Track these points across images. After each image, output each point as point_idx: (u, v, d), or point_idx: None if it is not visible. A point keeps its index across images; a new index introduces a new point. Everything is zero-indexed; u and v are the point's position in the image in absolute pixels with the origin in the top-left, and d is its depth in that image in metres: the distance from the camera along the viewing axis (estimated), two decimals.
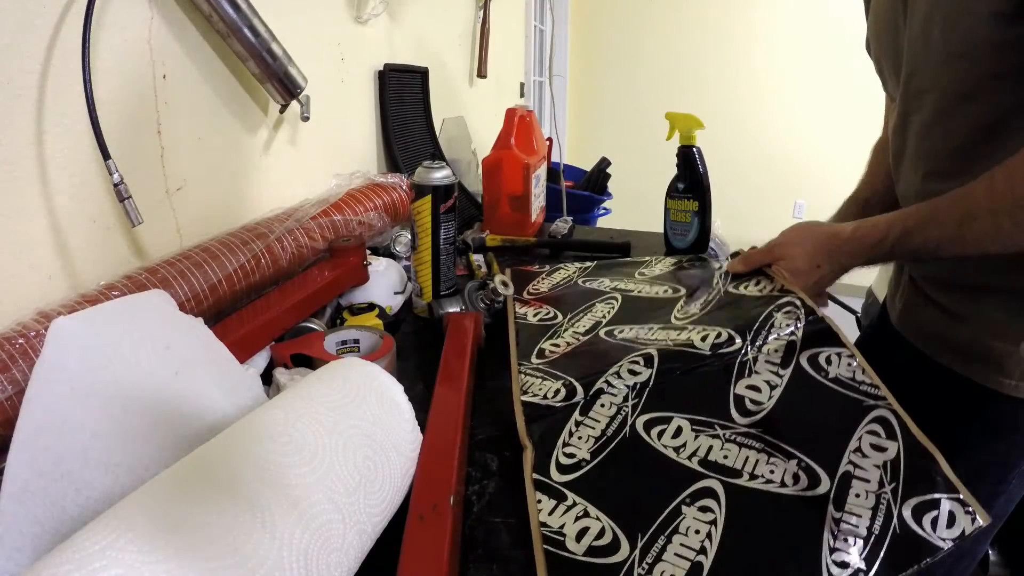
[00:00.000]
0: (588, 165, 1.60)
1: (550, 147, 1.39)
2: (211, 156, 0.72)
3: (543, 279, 0.83)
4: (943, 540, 0.37)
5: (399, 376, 0.53)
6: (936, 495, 0.39)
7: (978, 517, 0.38)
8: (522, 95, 2.36)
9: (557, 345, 0.63)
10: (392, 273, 0.83)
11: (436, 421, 0.49)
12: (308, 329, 0.66)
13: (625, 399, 0.51)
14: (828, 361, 0.50)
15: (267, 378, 0.57)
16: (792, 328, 0.54)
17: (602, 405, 0.51)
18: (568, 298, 0.75)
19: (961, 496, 0.39)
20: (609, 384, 0.52)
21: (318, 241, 0.77)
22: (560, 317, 0.69)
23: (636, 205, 2.07)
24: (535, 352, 0.62)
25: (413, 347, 0.71)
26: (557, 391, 0.53)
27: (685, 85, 3.44)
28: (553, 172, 1.36)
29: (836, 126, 3.26)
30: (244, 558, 0.28)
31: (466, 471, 0.48)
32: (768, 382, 0.50)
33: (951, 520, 0.38)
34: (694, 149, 0.96)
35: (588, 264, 0.89)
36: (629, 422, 0.49)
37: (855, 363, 0.49)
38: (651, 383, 0.52)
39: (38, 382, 0.34)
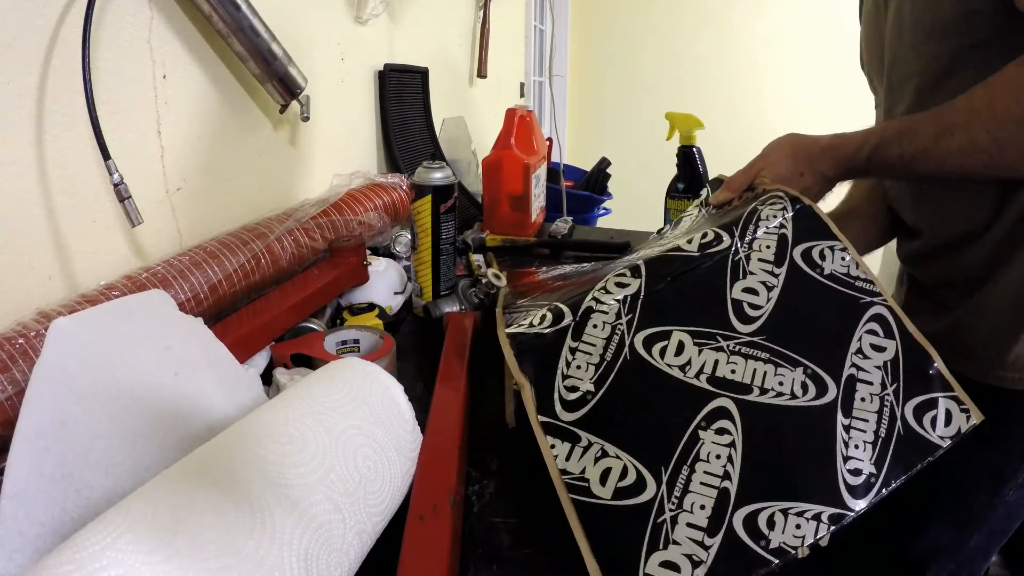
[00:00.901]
0: (588, 165, 1.60)
1: (550, 147, 1.39)
2: (211, 156, 0.72)
3: (538, 276, 0.83)
4: (942, 439, 0.40)
5: (399, 376, 0.53)
6: (933, 394, 0.42)
7: (972, 416, 0.41)
8: (522, 95, 2.35)
9: (542, 289, 0.62)
10: (392, 273, 0.83)
11: (436, 421, 0.49)
12: (308, 329, 0.66)
13: (618, 316, 0.47)
14: (822, 256, 0.49)
15: (267, 378, 0.57)
16: (780, 220, 0.51)
17: (594, 326, 0.47)
18: (558, 276, 0.74)
19: (956, 394, 0.41)
20: (598, 301, 0.48)
21: (318, 241, 0.77)
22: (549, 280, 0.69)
23: (636, 205, 2.07)
24: (520, 299, 0.61)
25: (413, 347, 0.71)
26: (543, 317, 0.49)
27: (685, 85, 3.44)
28: (553, 172, 1.36)
29: (836, 127, 3.26)
30: (244, 558, 0.28)
31: (466, 471, 0.48)
32: (765, 283, 0.48)
33: (948, 418, 0.41)
34: (694, 149, 0.96)
35: (586, 266, 0.89)
36: (627, 342, 0.46)
37: (848, 257, 0.48)
38: (642, 294, 0.48)
39: (38, 383, 0.34)
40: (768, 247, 0.50)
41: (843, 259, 0.48)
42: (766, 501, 0.38)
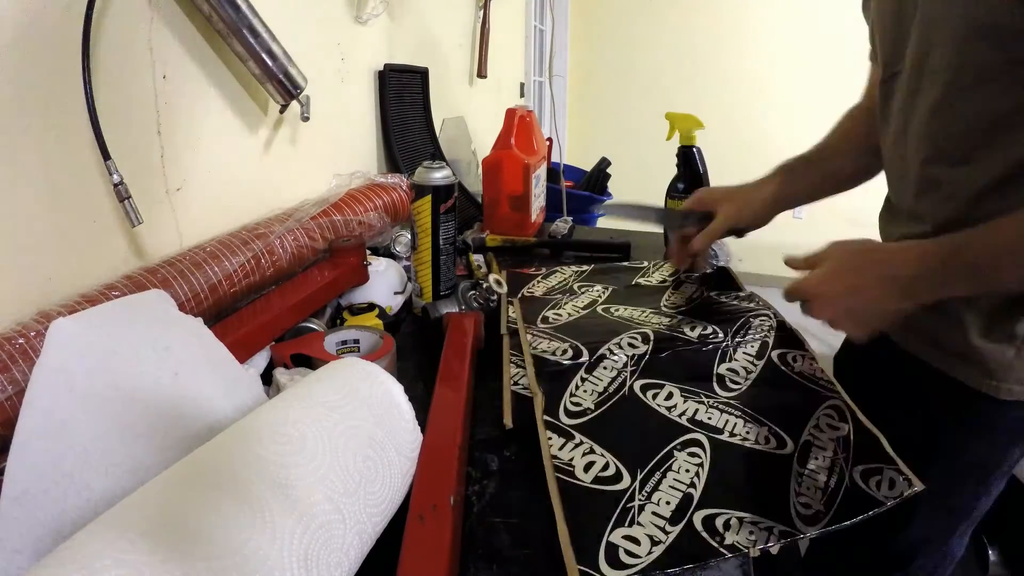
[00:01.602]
0: (588, 165, 1.60)
1: (550, 147, 1.39)
2: (211, 156, 0.72)
3: (539, 282, 0.84)
4: (886, 498, 0.43)
5: (399, 376, 0.53)
6: (879, 464, 0.46)
7: (914, 484, 0.44)
8: (522, 95, 2.35)
9: (559, 315, 0.72)
10: (392, 273, 0.83)
11: (436, 421, 0.49)
12: (308, 329, 0.66)
13: (624, 366, 0.59)
14: (794, 360, 0.61)
15: (267, 378, 0.57)
16: (765, 332, 0.65)
17: (604, 368, 0.59)
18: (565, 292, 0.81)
19: (900, 467, 0.45)
20: (611, 352, 0.60)
21: (318, 241, 0.77)
22: (561, 297, 0.79)
23: None
24: (539, 318, 0.71)
25: (413, 347, 0.71)
26: (564, 351, 0.61)
27: (685, 85, 3.44)
28: (553, 172, 1.36)
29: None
30: (244, 558, 0.28)
31: (466, 471, 0.48)
32: (745, 368, 0.60)
33: (892, 484, 0.44)
34: (694, 149, 0.96)
35: (585, 268, 0.90)
36: (628, 383, 0.57)
37: (816, 365, 0.60)
38: (647, 356, 0.60)
39: (38, 383, 0.34)
40: (752, 346, 0.63)
41: (811, 365, 0.60)
42: (726, 509, 0.43)
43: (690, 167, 0.96)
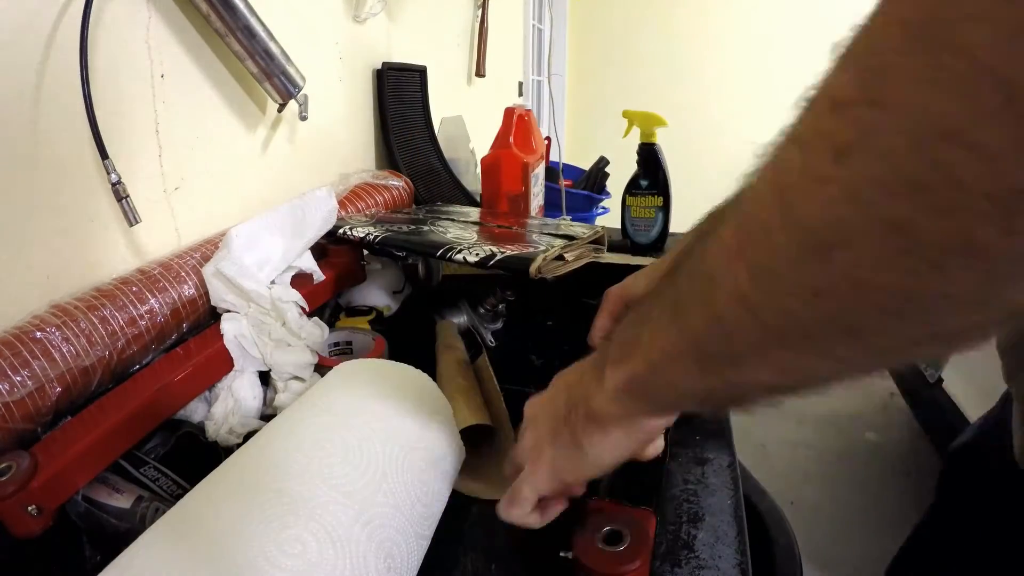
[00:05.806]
0: (587, 164, 1.60)
1: (548, 146, 1.38)
2: (209, 155, 0.72)
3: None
4: None
5: None
6: None
7: None
8: (521, 94, 2.35)
9: None
10: (390, 272, 0.83)
11: None
12: None
13: None
14: None
15: (265, 379, 0.57)
16: None
17: None
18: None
19: None
20: None
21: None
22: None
23: None
24: None
25: (409, 348, 0.71)
26: None
27: (684, 84, 3.44)
28: (552, 171, 1.36)
29: None
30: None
31: None
32: None
33: None
34: (655, 146, 0.99)
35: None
36: None
37: None
38: None
39: None
40: None
41: None
42: None
43: (654, 164, 0.99)
